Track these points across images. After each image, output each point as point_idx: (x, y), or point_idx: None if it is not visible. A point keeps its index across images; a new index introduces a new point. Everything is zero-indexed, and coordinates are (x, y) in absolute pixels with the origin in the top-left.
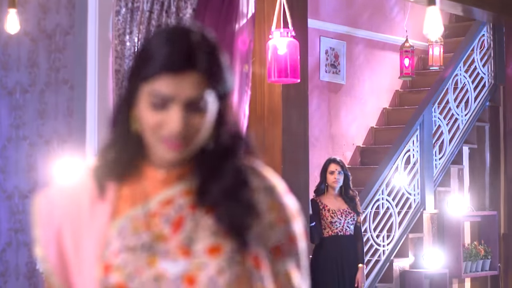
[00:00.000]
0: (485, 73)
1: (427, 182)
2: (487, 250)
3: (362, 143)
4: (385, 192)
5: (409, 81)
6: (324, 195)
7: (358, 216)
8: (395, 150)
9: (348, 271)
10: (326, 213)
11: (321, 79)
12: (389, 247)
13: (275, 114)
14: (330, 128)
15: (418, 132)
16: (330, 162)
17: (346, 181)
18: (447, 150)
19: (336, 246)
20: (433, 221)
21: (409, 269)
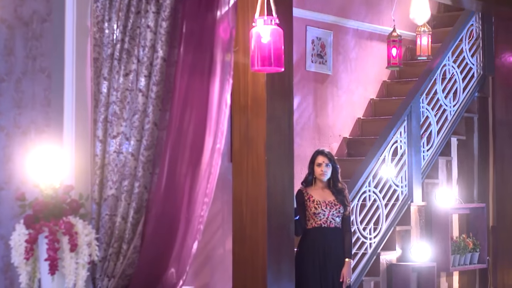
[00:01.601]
0: (474, 63)
1: (414, 174)
2: (476, 243)
3: (348, 135)
4: (372, 184)
5: (396, 72)
6: (311, 186)
7: (345, 209)
8: (382, 141)
9: (331, 264)
10: (310, 204)
11: (307, 69)
12: (376, 240)
13: (259, 104)
14: (316, 119)
15: (405, 123)
16: (317, 154)
17: (334, 173)
18: (435, 142)
19: (320, 238)
20: (421, 213)
21: (396, 262)
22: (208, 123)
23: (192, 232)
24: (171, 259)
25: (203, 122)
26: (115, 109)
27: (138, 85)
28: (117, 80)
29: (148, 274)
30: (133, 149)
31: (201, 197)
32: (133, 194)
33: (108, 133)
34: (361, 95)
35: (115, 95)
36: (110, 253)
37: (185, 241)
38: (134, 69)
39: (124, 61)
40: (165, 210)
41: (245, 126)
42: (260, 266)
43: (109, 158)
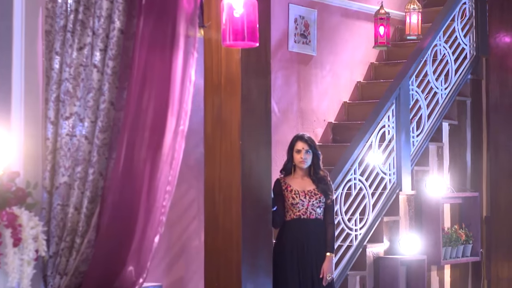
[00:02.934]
0: (467, 44)
1: (403, 161)
2: (469, 234)
3: (334, 119)
4: (358, 172)
5: (385, 53)
6: (290, 175)
7: (327, 199)
8: (368, 126)
9: (311, 259)
10: (288, 194)
11: (289, 50)
12: (362, 232)
13: (233, 84)
14: (299, 103)
15: (393, 106)
16: (297, 139)
17: (315, 160)
18: (425, 127)
19: (298, 230)
20: (410, 203)
21: (383, 255)
22: (170, 102)
23: (153, 224)
24: (130, 255)
25: (165, 101)
26: (68, 87)
27: (92, 60)
28: (70, 54)
29: (103, 271)
30: (87, 132)
31: (163, 185)
32: (87, 181)
33: (60, 114)
34: (347, 77)
35: (68, 72)
36: (62, 247)
37: (145, 234)
38: (89, 43)
39: (78, 33)
40: (123, 200)
41: (218, 107)
42: (234, 259)
43: (61, 142)
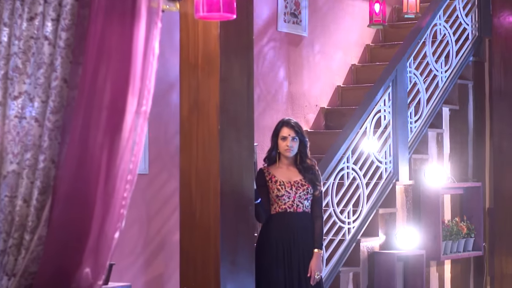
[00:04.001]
0: (469, 23)
1: (400, 148)
2: (470, 227)
3: (327, 104)
4: (351, 160)
5: (381, 34)
6: (275, 164)
7: (315, 190)
8: (362, 111)
9: (298, 256)
10: (273, 185)
11: (279, 30)
12: (356, 225)
13: (211, 63)
14: (289, 87)
15: (390, 90)
16: (282, 125)
17: (302, 148)
18: (424, 112)
19: (284, 225)
20: (408, 194)
21: (379, 250)
22: (131, 79)
23: (112, 219)
24: (85, 254)
25: (125, 77)
26: (17, 62)
27: (44, 32)
28: (20, 26)
29: (56, 272)
30: (37, 113)
31: (123, 174)
32: (37, 170)
33: (8, 93)
34: (341, 60)
35: (17, 45)
36: (9, 245)
37: (103, 230)
38: (40, 12)
39: (28, 1)
40: (77, 191)
41: (194, 89)
42: (212, 257)
43: (10, 125)
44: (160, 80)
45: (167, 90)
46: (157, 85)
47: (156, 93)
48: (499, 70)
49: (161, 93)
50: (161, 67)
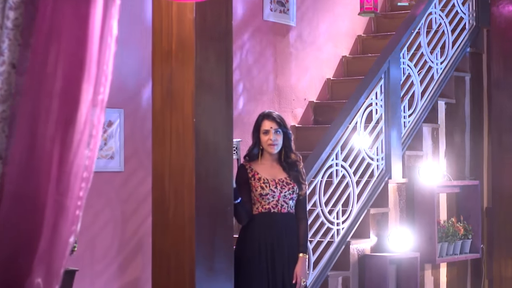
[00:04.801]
0: (466, 12)
1: (393, 144)
2: (468, 228)
3: (316, 98)
4: (340, 157)
5: (373, 24)
6: (257, 161)
7: (301, 189)
8: (353, 104)
9: (281, 261)
10: (256, 183)
11: (265, 19)
12: (345, 226)
13: (185, 50)
14: (275, 80)
15: (382, 82)
16: (263, 118)
17: (286, 142)
18: (418, 105)
19: (267, 226)
20: (401, 192)
21: (370, 253)
22: (86, 64)
23: (66, 222)
24: (36, 261)
25: (79, 62)
26: None
27: None
28: None
29: (2, 282)
30: None
31: (78, 171)
32: None
33: None
34: (331, 51)
35: None
36: None
37: (56, 234)
38: None
39: None
40: (26, 190)
41: (167, 79)
42: (186, 262)
43: None
44: (136, 72)
45: (143, 83)
46: (133, 78)
47: (132, 87)
48: (498, 61)
49: (137, 87)
50: (137, 59)
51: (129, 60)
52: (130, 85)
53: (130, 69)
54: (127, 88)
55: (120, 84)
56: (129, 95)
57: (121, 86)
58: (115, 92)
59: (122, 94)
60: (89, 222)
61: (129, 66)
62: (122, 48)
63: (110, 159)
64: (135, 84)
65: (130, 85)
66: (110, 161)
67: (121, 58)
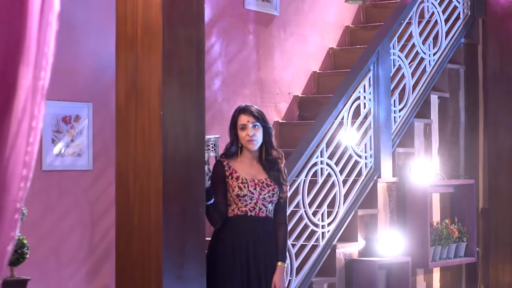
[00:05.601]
0: (460, 1)
1: (383, 141)
2: (462, 230)
3: (301, 92)
4: (326, 154)
5: (362, 14)
6: (236, 158)
7: (282, 191)
8: (339, 98)
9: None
10: (233, 183)
11: (246, 8)
12: (331, 228)
13: (152, 36)
14: (258, 72)
15: (371, 74)
16: (239, 112)
17: (266, 137)
18: (410, 99)
19: (244, 231)
20: (391, 192)
21: (358, 257)
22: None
23: (3, 227)
24: None
25: (16, 41)
26: None
27: None
28: None
29: None
30: None
31: (15, 168)
32: None
33: None
34: (317, 43)
35: None
36: None
37: None
38: None
39: None
40: None
41: (132, 68)
42: (153, 269)
43: None
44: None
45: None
46: (103, 70)
47: (102, 79)
48: (494, 53)
49: (107, 79)
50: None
51: (99, 51)
52: (100, 78)
53: (99, 60)
54: (97, 80)
55: (88, 76)
56: (98, 88)
57: (90, 79)
58: (84, 85)
59: (91, 87)
60: (54, 224)
61: (98, 56)
62: (91, 38)
63: (78, 156)
64: (105, 76)
65: (99, 77)
66: (78, 159)
67: (90, 48)
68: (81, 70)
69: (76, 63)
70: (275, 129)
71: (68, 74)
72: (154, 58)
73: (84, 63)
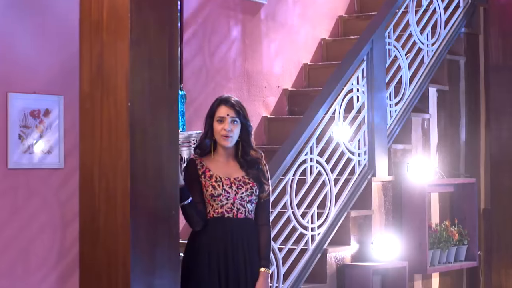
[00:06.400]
0: None
1: (377, 136)
2: (463, 232)
3: (291, 86)
4: (315, 151)
5: (356, 4)
6: (209, 155)
7: (262, 191)
8: (330, 90)
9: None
10: (207, 182)
11: None
12: (321, 231)
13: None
14: (244, 64)
15: (364, 65)
16: (219, 103)
17: (244, 136)
18: (406, 93)
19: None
20: (387, 192)
21: (351, 262)
22: None
23: None
24: None
25: None
26: None
27: None
28: None
29: None
30: None
31: None
32: None
33: None
34: (309, 33)
35: None
36: None
37: None
38: None
39: None
40: None
41: (97, 55)
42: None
43: None
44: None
45: None
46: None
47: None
48: (496, 43)
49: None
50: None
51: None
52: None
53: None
54: (68, 71)
55: (59, 67)
56: (70, 80)
57: (60, 70)
58: (54, 76)
59: (62, 79)
60: (22, 226)
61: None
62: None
63: (48, 154)
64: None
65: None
66: (47, 156)
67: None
68: (50, 60)
69: (44, 52)
70: (263, 124)
71: (36, 64)
72: (121, 44)
73: (54, 52)
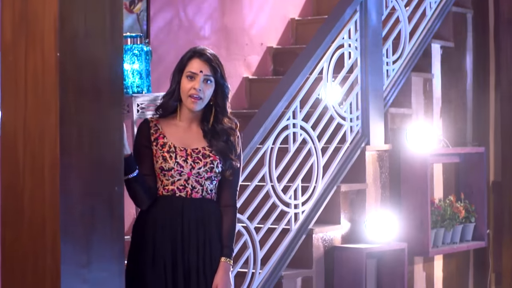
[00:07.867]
0: None
1: (372, 99)
2: (470, 208)
3: (276, 43)
4: (300, 115)
5: None
6: (170, 117)
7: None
8: (317, 45)
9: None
10: (158, 151)
11: None
12: (307, 208)
13: None
14: (223, 18)
15: (357, 16)
16: (192, 55)
17: (219, 99)
18: (406, 49)
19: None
20: (383, 163)
21: (341, 244)
22: None
23: None
24: None
25: None
26: None
27: None
28: None
29: None
30: None
31: None
32: None
33: None
34: None
35: None
36: None
37: None
38: None
39: None
40: None
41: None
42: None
43: None
44: None
45: None
46: None
47: None
48: None
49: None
50: None
51: None
52: None
53: None
54: None
55: None
56: None
57: None
58: None
59: None
60: None
61: None
62: None
63: None
64: None
65: None
66: None
67: None
68: None
69: None
70: (244, 86)
71: None
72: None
73: None
